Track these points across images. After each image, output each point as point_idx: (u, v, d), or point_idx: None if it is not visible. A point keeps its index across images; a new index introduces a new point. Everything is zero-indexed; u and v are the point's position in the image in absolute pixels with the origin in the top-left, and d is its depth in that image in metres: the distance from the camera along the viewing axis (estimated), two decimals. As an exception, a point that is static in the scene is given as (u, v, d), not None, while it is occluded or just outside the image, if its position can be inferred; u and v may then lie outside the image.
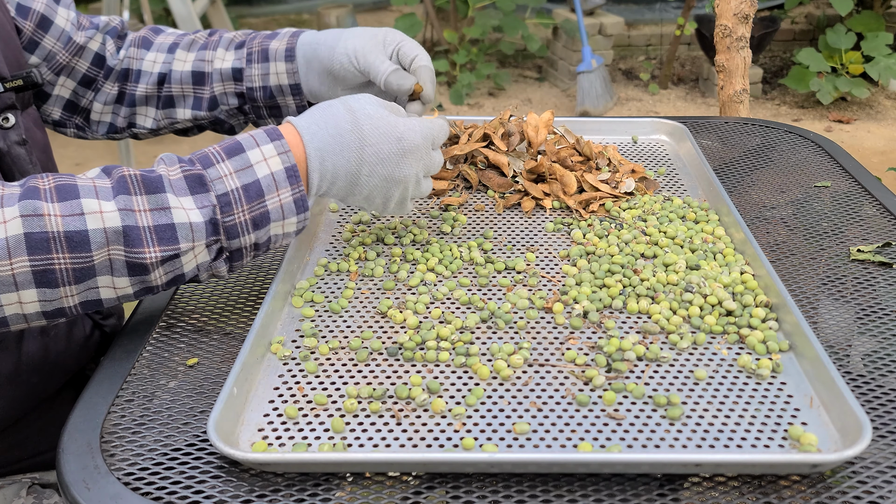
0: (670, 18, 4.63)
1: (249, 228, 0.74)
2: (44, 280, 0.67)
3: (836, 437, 0.65)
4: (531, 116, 1.11)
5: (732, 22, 1.55)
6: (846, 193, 1.07)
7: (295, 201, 0.75)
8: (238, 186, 0.72)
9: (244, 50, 1.04)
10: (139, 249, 0.69)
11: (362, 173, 0.79)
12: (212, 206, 0.72)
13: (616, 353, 0.74)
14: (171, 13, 3.30)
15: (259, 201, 0.73)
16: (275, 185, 0.74)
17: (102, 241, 0.68)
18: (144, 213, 0.69)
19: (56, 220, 0.67)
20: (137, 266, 0.70)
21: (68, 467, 0.62)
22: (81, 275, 0.68)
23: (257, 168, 0.74)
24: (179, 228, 0.70)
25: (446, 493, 0.61)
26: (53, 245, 0.66)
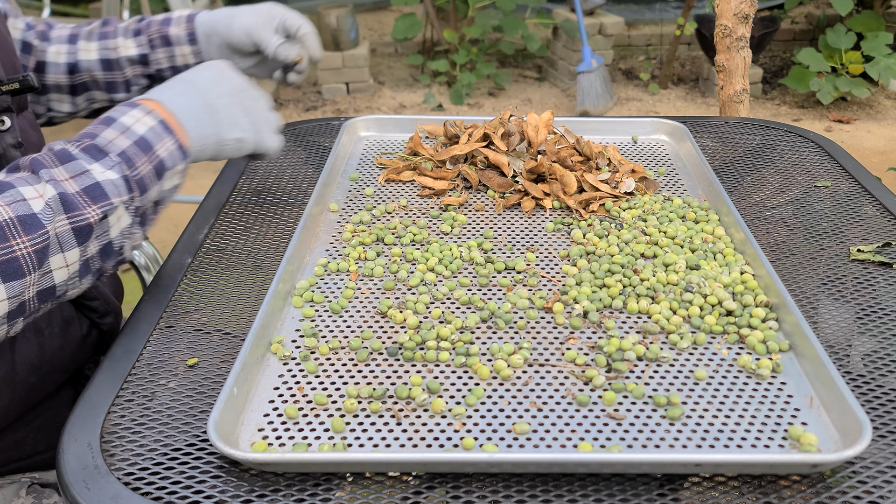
0: (670, 18, 4.63)
1: (153, 178, 0.79)
2: (10, 270, 0.68)
3: (836, 437, 0.65)
4: (531, 116, 1.11)
5: (732, 22, 1.55)
6: (846, 193, 1.07)
7: (178, 148, 0.82)
8: (130, 143, 0.78)
9: (144, 37, 1.12)
10: (79, 212, 0.72)
11: (210, 98, 0.87)
12: (117, 164, 0.76)
13: (616, 353, 0.74)
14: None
15: (152, 152, 0.80)
16: (157, 136, 0.81)
17: (50, 216, 0.70)
18: (69, 181, 0.73)
19: (3, 209, 0.69)
20: (83, 230, 0.73)
21: (68, 467, 0.62)
22: (41, 255, 0.70)
23: (135, 127, 0.80)
24: (105, 185, 0.74)
25: (446, 493, 0.61)
26: (9, 231, 0.68)
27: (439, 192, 1.05)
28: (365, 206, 1.02)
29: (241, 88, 0.90)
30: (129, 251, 0.80)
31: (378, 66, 4.43)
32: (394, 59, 4.57)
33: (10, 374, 0.88)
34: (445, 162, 1.10)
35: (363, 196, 1.05)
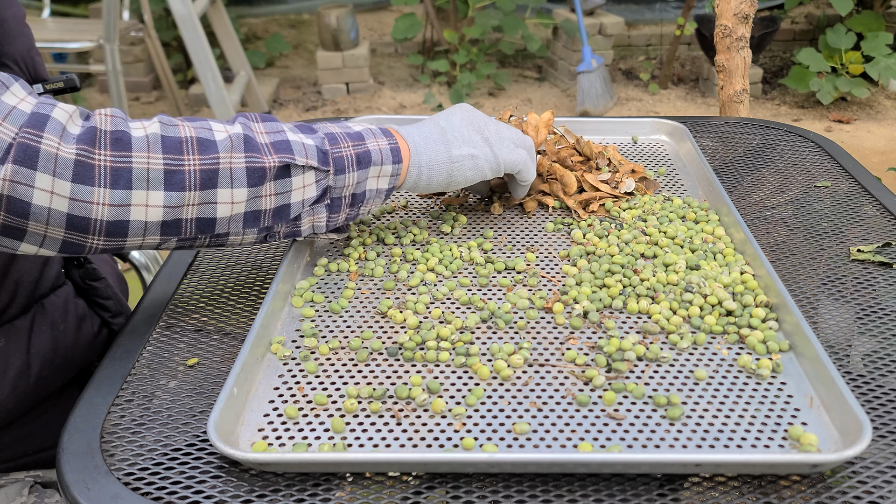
0: (670, 18, 4.63)
1: (354, 165, 0.80)
2: (172, 181, 0.70)
3: (836, 438, 0.65)
4: (531, 116, 1.11)
5: (732, 22, 1.55)
6: (846, 193, 1.07)
7: (391, 149, 0.83)
8: (341, 132, 0.81)
9: None
10: (258, 155, 0.74)
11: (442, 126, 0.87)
12: (321, 138, 0.79)
13: (616, 353, 0.74)
14: (171, 13, 3.29)
15: (360, 142, 0.81)
16: (372, 134, 0.83)
17: (228, 146, 0.73)
18: (262, 135, 0.76)
19: (189, 128, 0.73)
20: (256, 171, 0.74)
21: (68, 467, 0.62)
22: (207, 178, 0.72)
23: (355, 126, 0.83)
24: (294, 144, 0.76)
25: (446, 493, 0.61)
26: (185, 146, 0.71)
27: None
28: (365, 206, 1.02)
29: (477, 115, 0.89)
30: (308, 229, 0.81)
31: (378, 66, 4.43)
32: (394, 59, 4.57)
33: (24, 365, 0.88)
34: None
35: (363, 196, 1.05)
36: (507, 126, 0.92)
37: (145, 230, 0.71)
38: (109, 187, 0.68)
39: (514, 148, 0.90)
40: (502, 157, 0.88)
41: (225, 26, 3.60)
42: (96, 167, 0.67)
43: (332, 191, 0.79)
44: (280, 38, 4.44)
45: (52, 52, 3.57)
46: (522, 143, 0.92)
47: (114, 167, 0.68)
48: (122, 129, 0.69)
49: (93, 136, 0.68)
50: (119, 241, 0.71)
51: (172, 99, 3.76)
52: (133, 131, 0.70)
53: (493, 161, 0.87)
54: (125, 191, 0.68)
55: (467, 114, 0.89)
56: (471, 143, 0.86)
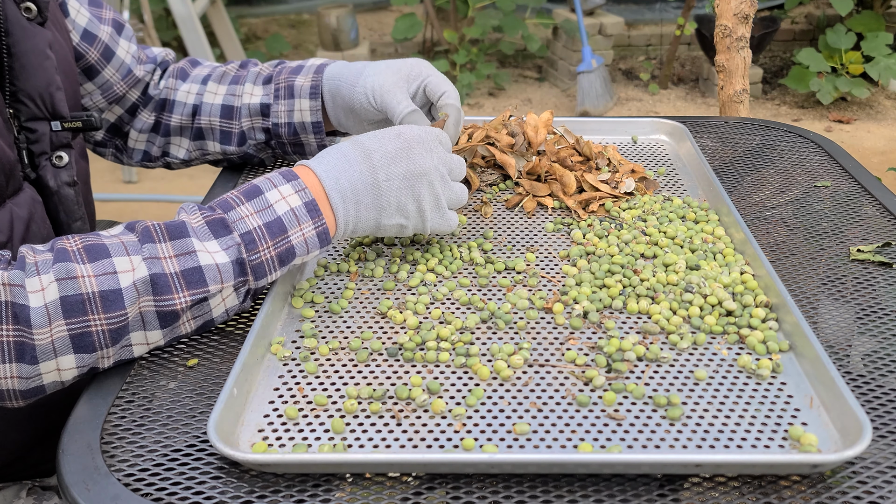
0: (670, 18, 4.63)
1: (275, 265, 0.75)
2: (81, 344, 0.68)
3: (837, 438, 0.65)
4: (531, 116, 1.11)
5: (732, 22, 1.55)
6: (846, 193, 1.07)
7: (318, 234, 0.77)
8: (260, 224, 0.74)
9: (272, 85, 1.04)
10: (168, 297, 0.70)
11: (380, 179, 0.79)
12: (236, 245, 0.73)
13: (616, 353, 0.74)
14: (171, 13, 3.30)
15: (282, 237, 0.75)
16: (296, 219, 0.76)
17: (134, 297, 0.69)
18: (170, 260, 0.71)
19: (90, 280, 0.68)
20: (168, 314, 0.71)
21: (68, 468, 0.62)
22: (117, 335, 0.70)
23: (277, 206, 0.75)
24: (206, 270, 0.72)
25: (446, 494, 0.61)
26: (89, 306, 0.68)
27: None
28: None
29: (422, 171, 0.80)
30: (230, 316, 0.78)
31: (378, 67, 4.42)
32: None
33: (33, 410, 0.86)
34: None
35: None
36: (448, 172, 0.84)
37: (63, 385, 0.71)
38: (16, 362, 0.67)
39: (447, 216, 0.84)
40: (432, 228, 0.84)
41: (225, 26, 3.60)
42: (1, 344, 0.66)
43: (253, 290, 0.77)
44: (280, 38, 4.44)
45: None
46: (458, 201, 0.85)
47: (17, 342, 0.66)
48: (20, 303, 0.66)
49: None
50: (39, 397, 0.71)
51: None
52: (31, 300, 0.66)
53: (420, 230, 0.84)
54: (32, 365, 0.67)
55: (411, 165, 0.80)
56: (403, 212, 0.81)
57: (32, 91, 0.85)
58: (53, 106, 0.87)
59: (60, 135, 0.88)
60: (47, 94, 0.86)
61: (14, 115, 0.85)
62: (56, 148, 0.88)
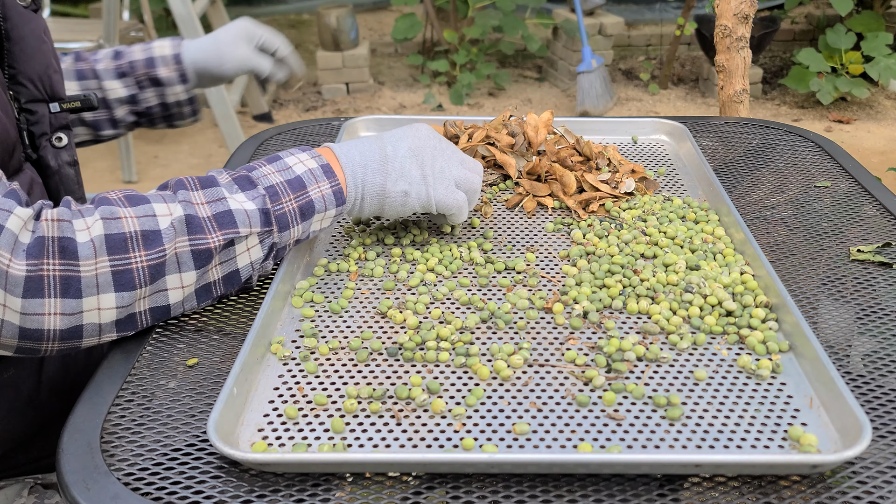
0: (670, 18, 4.63)
1: (297, 218, 0.80)
2: (122, 281, 0.70)
3: (836, 438, 0.65)
4: (531, 116, 1.11)
5: (732, 22, 1.55)
6: (846, 193, 1.07)
7: (334, 193, 0.82)
8: (282, 181, 0.79)
9: (130, 79, 1.13)
10: (202, 236, 0.73)
11: (387, 151, 0.84)
12: (262, 195, 0.77)
13: (616, 353, 0.74)
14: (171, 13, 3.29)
15: (303, 192, 0.80)
16: (314, 178, 0.81)
17: (171, 235, 0.72)
18: (203, 206, 0.75)
19: (132, 220, 0.71)
20: (202, 253, 0.74)
21: (68, 467, 0.62)
22: (155, 272, 0.72)
23: (296, 168, 0.81)
24: (236, 213, 0.76)
25: (446, 494, 0.61)
26: (131, 244, 0.70)
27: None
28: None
29: (427, 146, 0.86)
30: (256, 279, 0.81)
31: (378, 66, 4.43)
32: (394, 59, 4.57)
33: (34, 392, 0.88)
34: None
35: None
36: (460, 161, 0.88)
37: (100, 331, 0.72)
38: (60, 297, 0.68)
39: (453, 190, 0.87)
40: (436, 199, 0.86)
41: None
42: (46, 279, 0.67)
43: (278, 245, 0.79)
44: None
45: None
46: (468, 183, 0.88)
47: (63, 277, 0.68)
48: (68, 236, 0.68)
49: (41, 247, 0.67)
50: (75, 343, 0.72)
51: (172, 99, 3.75)
52: (78, 235, 0.69)
53: (424, 199, 0.85)
54: (76, 299, 0.69)
55: (417, 141, 0.85)
56: (408, 178, 0.84)
57: (32, 73, 0.88)
58: (52, 88, 0.91)
59: (59, 116, 0.92)
60: (46, 77, 0.90)
61: (14, 97, 0.88)
62: (56, 129, 0.91)
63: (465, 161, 0.89)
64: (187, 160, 3.40)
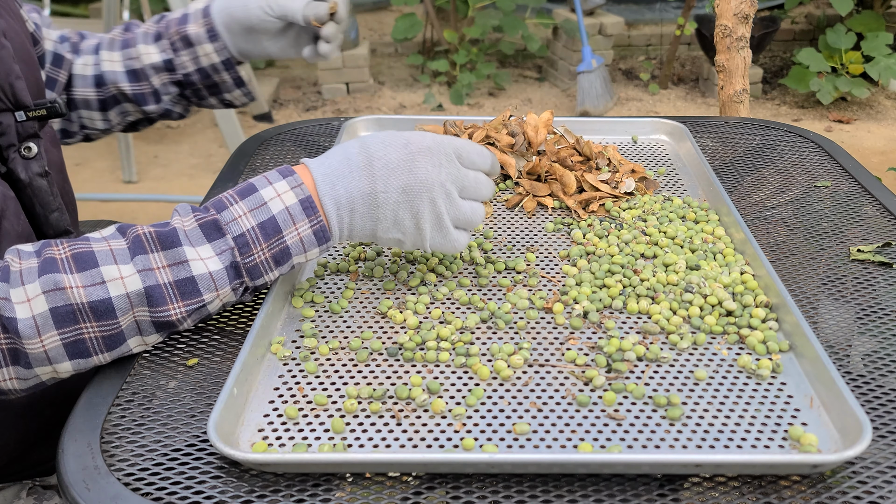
0: (670, 18, 4.63)
1: (271, 266, 0.75)
2: (76, 351, 0.69)
3: (837, 438, 0.65)
4: (531, 116, 1.11)
5: (732, 22, 1.55)
6: (846, 193, 1.07)
7: (314, 233, 0.75)
8: (254, 225, 0.72)
9: (165, 41, 1.07)
10: (163, 308, 0.70)
11: (377, 190, 0.75)
12: (230, 248, 0.72)
13: (616, 353, 0.74)
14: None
15: (277, 238, 0.73)
16: (291, 219, 0.74)
17: (127, 307, 0.69)
18: (163, 270, 0.70)
19: (78, 291, 0.67)
20: (164, 324, 0.72)
21: (68, 467, 0.62)
22: (111, 341, 0.70)
23: (271, 205, 0.73)
24: (200, 280, 0.71)
25: (446, 494, 0.61)
26: (80, 316, 0.68)
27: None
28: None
29: (423, 186, 0.76)
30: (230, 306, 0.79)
31: (378, 66, 4.43)
32: (394, 59, 4.57)
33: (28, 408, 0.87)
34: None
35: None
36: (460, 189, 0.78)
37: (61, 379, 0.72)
38: (12, 365, 0.68)
39: (450, 235, 0.78)
40: (431, 246, 0.79)
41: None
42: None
43: (251, 288, 0.76)
44: (280, 38, 4.44)
45: (52, 52, 3.57)
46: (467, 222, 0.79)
47: (11, 349, 0.67)
48: (8, 316, 0.66)
49: None
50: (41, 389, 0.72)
51: (172, 99, 3.75)
52: (18, 311, 0.66)
53: (420, 246, 0.79)
54: (27, 369, 0.68)
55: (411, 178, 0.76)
56: (401, 227, 0.77)
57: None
58: (15, 96, 0.84)
59: (27, 125, 0.86)
60: (7, 85, 0.83)
61: None
62: (24, 139, 0.86)
63: (466, 187, 0.79)
64: (187, 160, 3.40)
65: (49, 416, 0.90)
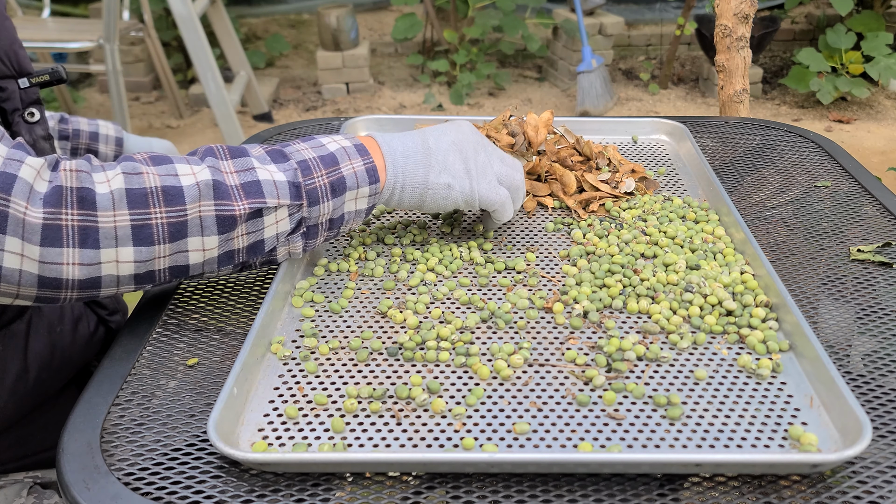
0: (670, 18, 4.63)
1: (328, 194, 0.78)
2: (141, 236, 0.70)
3: (837, 437, 0.65)
4: (531, 116, 1.12)
5: (732, 22, 1.55)
6: (846, 193, 1.07)
7: (367, 170, 0.81)
8: (315, 156, 0.79)
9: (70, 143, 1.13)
10: (228, 202, 0.73)
11: (429, 142, 0.84)
12: (293, 169, 0.77)
13: (616, 353, 0.74)
14: (171, 13, 3.29)
15: (334, 168, 0.79)
16: (347, 155, 0.80)
17: (195, 195, 0.71)
18: (231, 175, 0.74)
19: (154, 177, 0.71)
20: (227, 219, 0.73)
21: (68, 467, 0.62)
22: (175, 231, 0.71)
23: (329, 146, 0.80)
24: (265, 184, 0.75)
25: (446, 493, 0.61)
26: (151, 199, 0.70)
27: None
28: (365, 206, 1.02)
29: (470, 141, 0.86)
30: (285, 256, 0.81)
31: (378, 66, 4.43)
32: (394, 59, 4.57)
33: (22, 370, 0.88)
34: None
35: (363, 196, 1.05)
36: (501, 158, 0.89)
37: (118, 282, 0.71)
38: (78, 247, 0.68)
39: (497, 186, 0.86)
40: (479, 194, 0.85)
41: (225, 26, 3.60)
42: (64, 228, 0.67)
43: (308, 220, 0.78)
44: (280, 38, 4.44)
45: (52, 52, 3.57)
46: (510, 180, 0.88)
47: (81, 227, 0.67)
48: (87, 187, 0.68)
49: (59, 195, 0.67)
50: (93, 292, 0.71)
51: (172, 99, 3.76)
52: (98, 187, 0.69)
53: (468, 195, 0.85)
54: (94, 250, 0.68)
55: (460, 135, 0.86)
56: (451, 171, 0.84)
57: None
58: (19, 63, 0.90)
59: (30, 91, 0.91)
60: (12, 53, 0.89)
61: None
62: (27, 105, 0.91)
63: (506, 158, 0.89)
64: (187, 160, 3.40)
65: (44, 380, 0.91)
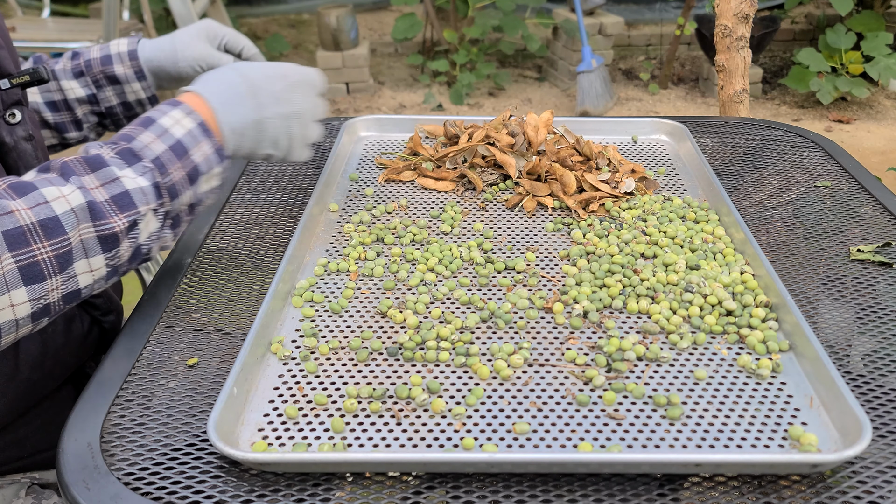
0: (670, 18, 4.63)
1: (186, 185, 0.79)
2: (30, 274, 0.68)
3: (836, 437, 0.65)
4: (531, 116, 1.12)
5: (732, 22, 1.55)
6: (846, 193, 1.07)
7: (216, 150, 0.82)
8: (165, 148, 0.78)
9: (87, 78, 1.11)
10: (105, 221, 0.72)
11: (265, 117, 0.86)
12: (150, 170, 0.76)
13: (616, 353, 0.74)
14: (171, 13, 3.29)
15: (186, 157, 0.79)
16: (194, 140, 0.80)
17: (74, 222, 0.71)
18: (98, 190, 0.73)
19: (25, 213, 0.69)
20: (108, 238, 0.73)
21: (68, 467, 0.62)
22: (63, 261, 0.70)
23: (173, 130, 0.80)
24: (133, 194, 0.75)
25: (446, 493, 0.61)
26: (30, 236, 0.68)
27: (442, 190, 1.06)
28: (365, 206, 1.02)
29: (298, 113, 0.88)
30: (157, 252, 0.81)
31: (378, 66, 4.43)
32: (394, 59, 4.57)
33: (13, 371, 0.88)
34: (445, 161, 1.10)
35: (363, 196, 1.05)
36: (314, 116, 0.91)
37: (17, 326, 0.70)
38: None
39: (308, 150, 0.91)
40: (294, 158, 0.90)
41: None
42: None
43: (171, 213, 0.79)
44: (280, 38, 4.44)
45: (52, 52, 3.57)
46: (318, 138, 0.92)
47: None
48: None
49: None
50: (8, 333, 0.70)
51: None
52: None
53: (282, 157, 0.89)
54: None
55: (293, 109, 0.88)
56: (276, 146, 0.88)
57: None
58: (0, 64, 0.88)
59: (11, 92, 0.90)
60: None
61: None
62: (8, 106, 0.90)
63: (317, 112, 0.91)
64: (187, 160, 3.40)
65: (36, 381, 0.91)
